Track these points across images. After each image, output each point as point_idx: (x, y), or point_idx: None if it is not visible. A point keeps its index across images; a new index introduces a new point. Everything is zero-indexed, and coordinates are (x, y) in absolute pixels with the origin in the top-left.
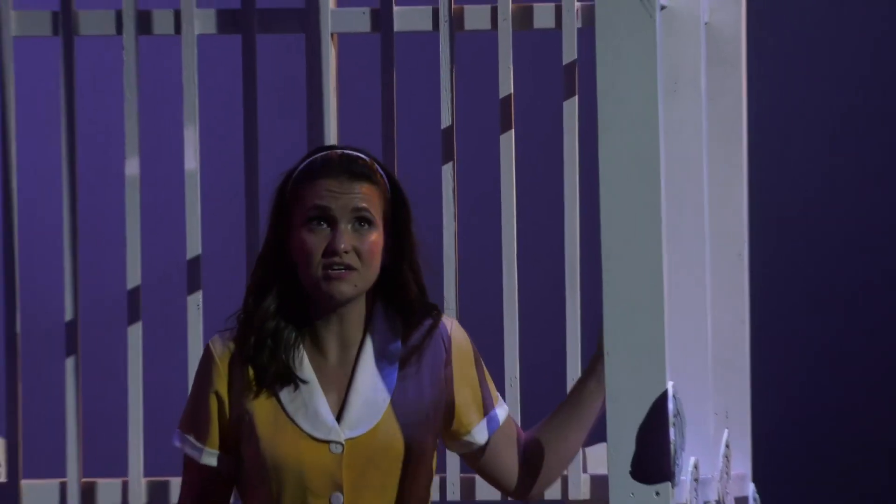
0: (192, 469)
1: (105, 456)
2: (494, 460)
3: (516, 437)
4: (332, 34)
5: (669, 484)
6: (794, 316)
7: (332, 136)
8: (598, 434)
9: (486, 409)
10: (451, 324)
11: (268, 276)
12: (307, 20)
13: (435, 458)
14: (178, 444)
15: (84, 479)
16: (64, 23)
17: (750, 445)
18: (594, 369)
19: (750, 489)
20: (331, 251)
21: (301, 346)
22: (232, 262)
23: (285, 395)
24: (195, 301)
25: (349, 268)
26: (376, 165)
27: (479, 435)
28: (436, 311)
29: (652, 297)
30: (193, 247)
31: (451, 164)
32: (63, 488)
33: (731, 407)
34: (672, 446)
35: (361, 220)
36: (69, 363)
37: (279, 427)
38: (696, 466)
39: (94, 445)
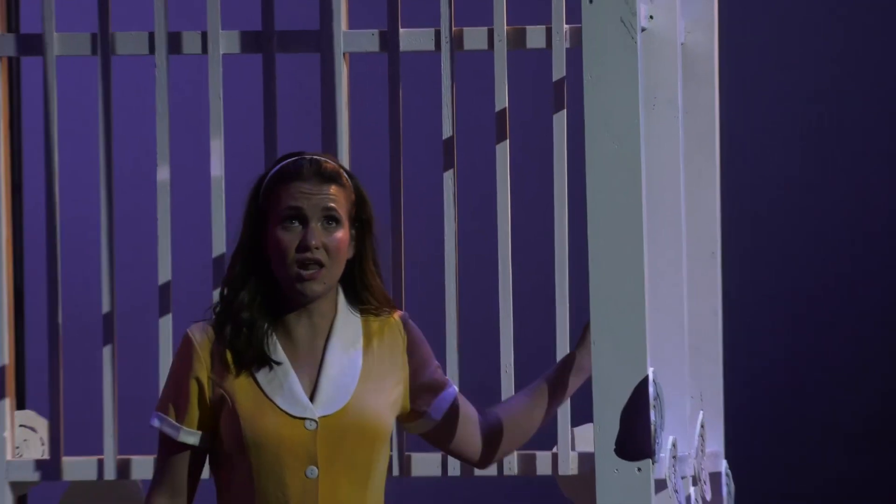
0: (168, 446)
1: (138, 434)
2: (452, 434)
3: (470, 413)
4: (344, 54)
5: (650, 460)
6: (762, 309)
7: (344, 145)
8: (585, 415)
9: (438, 390)
10: (404, 316)
11: (244, 271)
12: (322, 41)
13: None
14: (156, 424)
15: (119, 456)
16: (102, 43)
17: (722, 425)
18: (570, 365)
19: (723, 465)
20: (303, 247)
21: (273, 334)
22: None
23: (262, 376)
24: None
25: (319, 264)
26: (342, 170)
27: (435, 413)
28: (392, 305)
29: (634, 292)
30: (218, 245)
31: (451, 171)
32: (100, 464)
33: (705, 390)
34: (652, 426)
35: (330, 218)
36: (106, 351)
37: (258, 405)
38: (674, 445)
39: (128, 425)
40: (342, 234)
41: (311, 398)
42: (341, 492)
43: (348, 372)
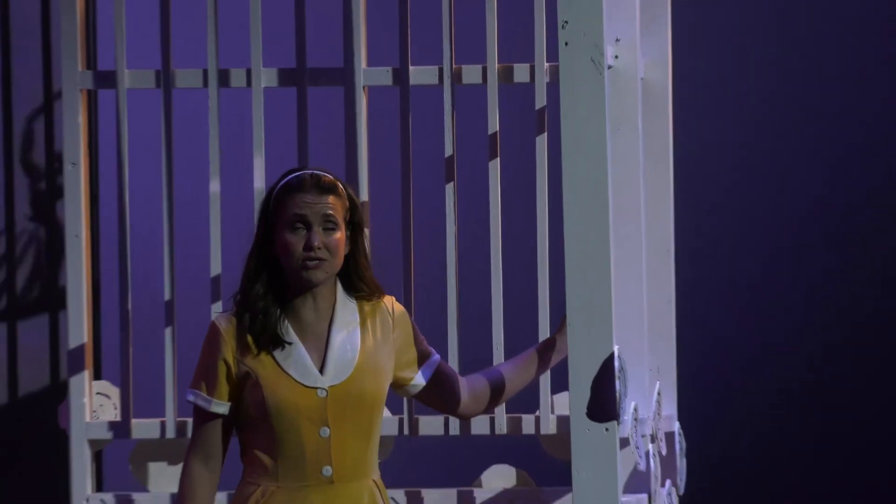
0: (202, 417)
1: None
2: (437, 394)
3: (451, 375)
4: (363, 87)
5: (616, 422)
6: (708, 297)
7: (363, 163)
8: (562, 384)
9: (424, 359)
10: (391, 300)
11: (257, 267)
12: (345, 76)
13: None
14: (191, 398)
15: (178, 418)
16: (164, 78)
17: (675, 393)
18: (551, 346)
19: (676, 426)
20: (308, 247)
21: (285, 319)
22: None
23: (278, 354)
24: None
25: (321, 259)
26: (338, 183)
27: (420, 379)
28: (381, 291)
29: (602, 284)
30: None
31: (452, 183)
32: (163, 425)
33: (661, 364)
34: (618, 394)
35: (328, 223)
36: (167, 332)
37: (277, 378)
38: (635, 409)
39: (185, 393)
40: (339, 234)
41: (321, 371)
42: (348, 447)
43: (350, 348)
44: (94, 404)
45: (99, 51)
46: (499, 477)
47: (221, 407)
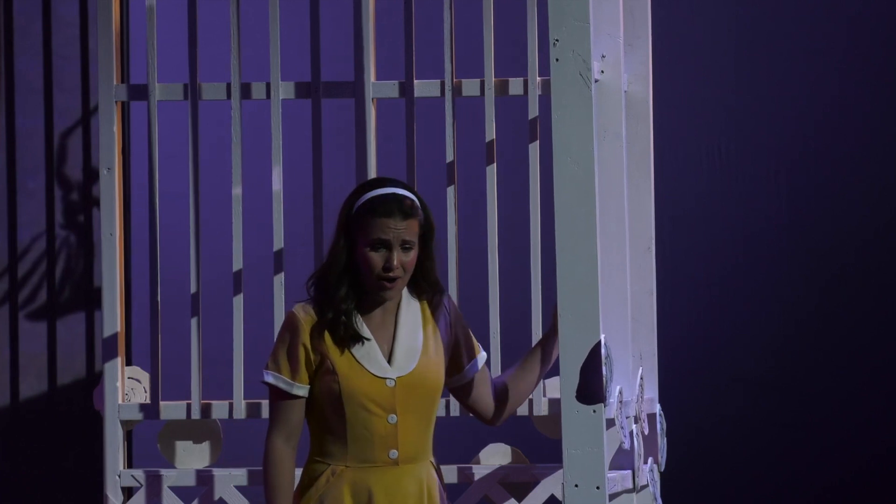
0: (282, 398)
1: (217, 384)
2: (475, 393)
3: (489, 379)
4: (372, 99)
5: (602, 404)
6: (687, 289)
7: (372, 168)
8: (553, 370)
9: (471, 356)
10: (449, 300)
11: (341, 272)
12: (356, 89)
13: None
14: (270, 380)
15: (203, 401)
16: (191, 91)
17: (656, 378)
18: (549, 339)
19: (657, 408)
20: (387, 268)
21: (360, 317)
22: (303, 252)
23: (355, 348)
24: (279, 280)
25: (397, 278)
26: (416, 203)
27: (468, 373)
28: (442, 291)
29: (589, 277)
30: (278, 242)
31: (452, 186)
32: (188, 407)
33: (643, 351)
34: (604, 379)
35: (406, 244)
36: (193, 322)
37: (351, 368)
38: (620, 392)
39: (209, 377)
40: (414, 254)
41: (389, 362)
42: (412, 432)
43: (414, 341)
44: (125, 388)
45: (132, 65)
46: (495, 455)
47: (302, 390)
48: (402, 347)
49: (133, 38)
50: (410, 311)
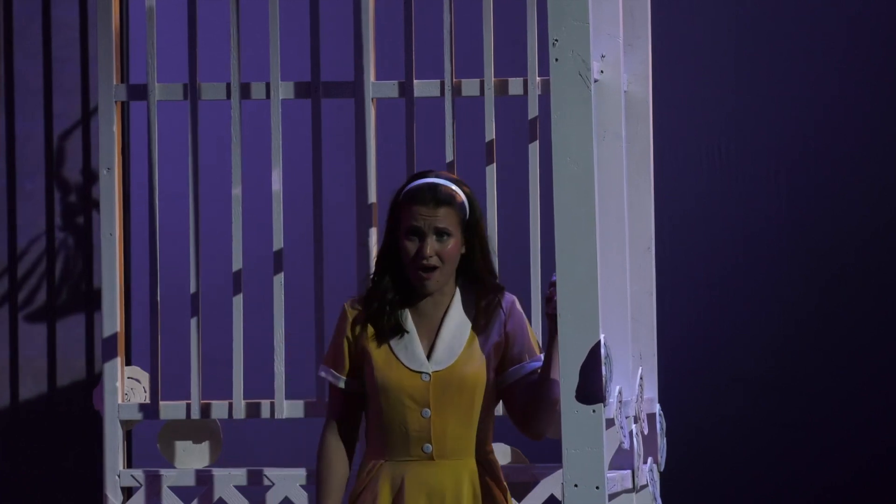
0: (334, 391)
1: (217, 384)
2: (514, 401)
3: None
4: (372, 99)
5: (602, 404)
6: (686, 290)
7: (372, 167)
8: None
9: (516, 361)
10: (511, 299)
11: (386, 265)
12: (355, 89)
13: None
14: (322, 374)
15: (203, 401)
16: (191, 91)
17: (656, 378)
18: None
19: (657, 407)
20: (420, 256)
21: (406, 309)
22: (302, 252)
23: (394, 340)
24: (279, 280)
25: (433, 268)
26: (455, 192)
27: (508, 377)
28: (501, 289)
29: (589, 278)
30: (278, 242)
31: None
32: (188, 407)
33: (643, 351)
34: (604, 379)
35: (441, 233)
36: (193, 322)
37: (387, 360)
38: (620, 392)
39: (208, 377)
40: (452, 243)
41: (428, 357)
42: (449, 428)
43: (458, 338)
44: (125, 388)
45: (131, 65)
46: (496, 454)
47: (345, 382)
48: (444, 343)
49: (133, 39)
50: (462, 305)
